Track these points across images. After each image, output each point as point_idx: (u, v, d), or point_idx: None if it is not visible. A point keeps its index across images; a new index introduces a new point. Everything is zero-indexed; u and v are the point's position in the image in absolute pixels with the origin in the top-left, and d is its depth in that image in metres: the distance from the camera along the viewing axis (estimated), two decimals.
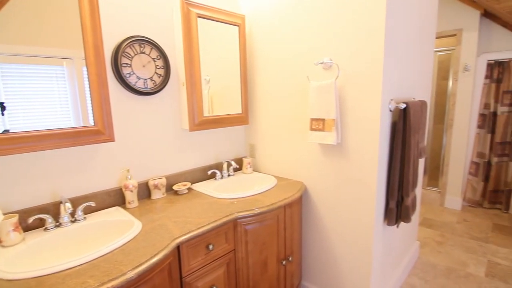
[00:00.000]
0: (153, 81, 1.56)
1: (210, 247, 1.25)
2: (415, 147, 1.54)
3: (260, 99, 1.99)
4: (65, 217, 1.21)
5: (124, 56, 1.43)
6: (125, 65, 1.43)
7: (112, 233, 1.25)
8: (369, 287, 1.58)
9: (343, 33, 1.47)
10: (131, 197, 1.44)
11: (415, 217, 2.29)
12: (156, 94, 1.60)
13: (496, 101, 3.19)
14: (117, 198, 1.47)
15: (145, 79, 1.53)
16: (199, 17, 1.62)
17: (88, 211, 1.36)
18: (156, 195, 1.58)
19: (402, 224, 1.93)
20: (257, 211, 1.40)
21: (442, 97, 3.58)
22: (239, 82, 1.92)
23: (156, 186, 1.57)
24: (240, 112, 1.95)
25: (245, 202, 1.48)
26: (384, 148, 1.50)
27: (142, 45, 1.49)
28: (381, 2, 1.31)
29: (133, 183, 1.44)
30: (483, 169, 3.32)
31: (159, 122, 1.64)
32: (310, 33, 1.62)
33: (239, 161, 2.12)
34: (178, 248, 1.15)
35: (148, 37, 1.53)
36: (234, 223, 1.36)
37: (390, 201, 1.55)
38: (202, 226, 1.21)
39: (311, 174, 1.76)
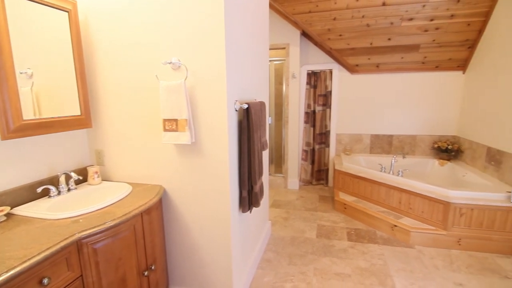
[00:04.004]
0: None
1: (45, 281, 1.01)
2: (258, 141, 1.79)
3: (105, 98, 1.77)
4: None
5: None
6: None
7: None
8: (231, 271, 1.72)
9: (188, 37, 1.51)
10: None
11: (266, 201, 2.66)
12: None
13: (314, 102, 4.14)
14: None
15: None
16: None
17: None
18: None
19: (254, 208, 2.21)
20: (108, 224, 1.25)
21: (279, 98, 4.32)
22: (75, 78, 1.63)
23: None
24: (79, 113, 1.66)
25: (93, 218, 1.29)
26: (233, 144, 1.67)
27: None
28: (219, 16, 1.43)
29: None
30: (310, 155, 4.25)
31: None
32: (157, 30, 1.57)
33: (84, 171, 1.81)
34: None
35: None
36: (77, 245, 1.16)
37: (242, 191, 1.73)
38: (29, 259, 0.96)
39: (170, 176, 1.73)
